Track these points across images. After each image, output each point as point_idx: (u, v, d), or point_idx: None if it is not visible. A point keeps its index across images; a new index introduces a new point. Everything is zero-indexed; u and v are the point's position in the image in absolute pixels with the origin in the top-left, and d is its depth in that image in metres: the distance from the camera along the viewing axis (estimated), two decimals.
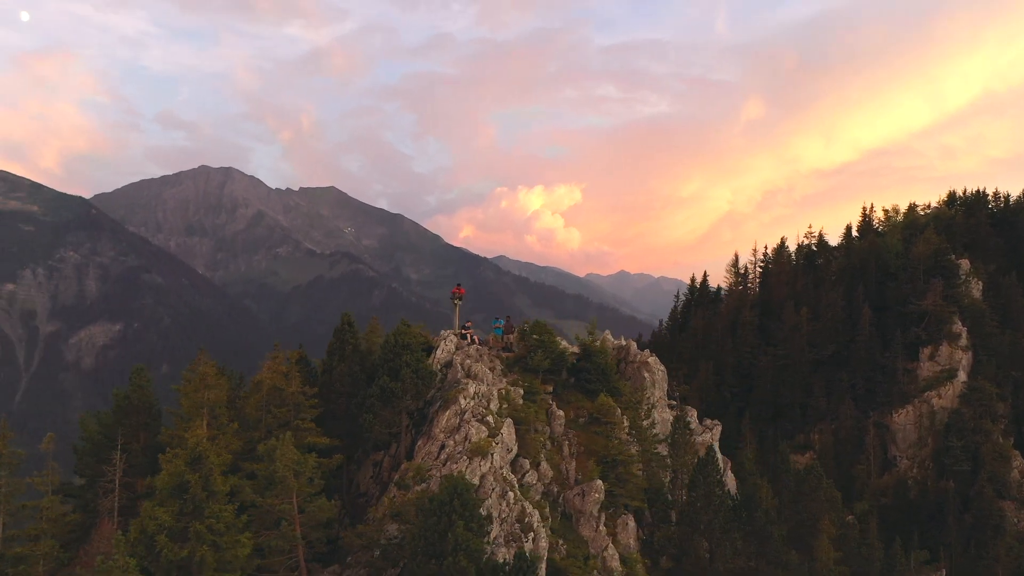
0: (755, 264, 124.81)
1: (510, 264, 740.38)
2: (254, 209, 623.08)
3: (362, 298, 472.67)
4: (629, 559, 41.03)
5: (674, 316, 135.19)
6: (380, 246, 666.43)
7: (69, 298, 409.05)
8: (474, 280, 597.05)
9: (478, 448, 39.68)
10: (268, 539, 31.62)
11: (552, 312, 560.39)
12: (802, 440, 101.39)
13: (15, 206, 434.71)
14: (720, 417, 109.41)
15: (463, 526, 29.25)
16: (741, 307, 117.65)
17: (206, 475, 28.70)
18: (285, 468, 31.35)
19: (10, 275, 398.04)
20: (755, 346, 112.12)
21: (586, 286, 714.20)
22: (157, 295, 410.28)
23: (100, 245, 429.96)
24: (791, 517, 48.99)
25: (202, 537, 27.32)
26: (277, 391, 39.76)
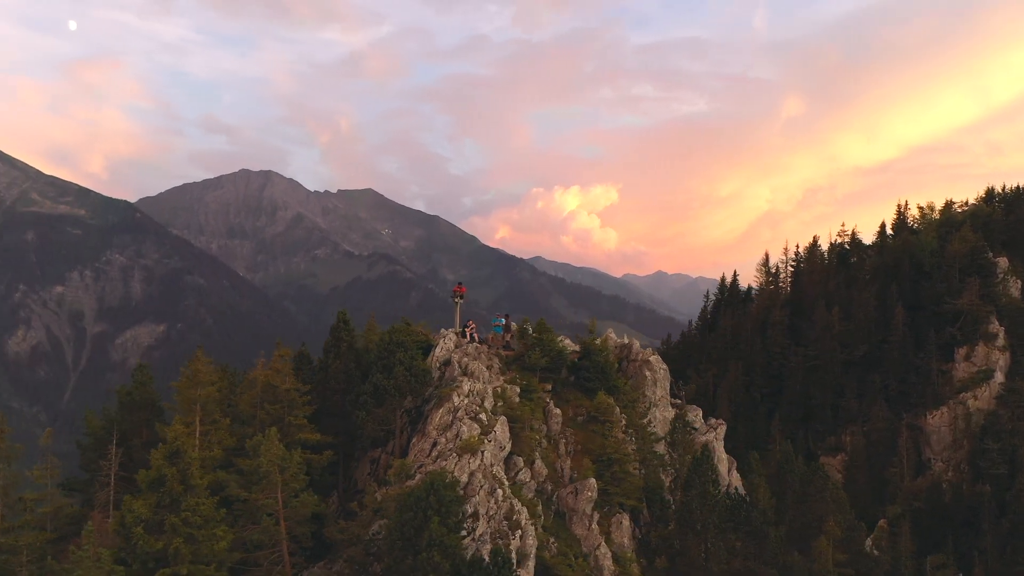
0: (786, 263, 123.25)
1: (546, 265, 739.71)
2: (293, 212, 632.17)
3: (399, 299, 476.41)
4: (622, 558, 40.70)
5: (704, 316, 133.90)
6: (417, 247, 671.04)
7: (115, 299, 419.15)
8: (510, 281, 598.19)
9: (468, 445, 39.82)
10: (250, 533, 32.04)
11: (588, 313, 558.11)
12: (833, 442, 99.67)
13: (64, 210, 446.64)
14: (750, 418, 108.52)
15: (438, 522, 29.35)
16: (771, 307, 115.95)
17: (183, 469, 29.24)
18: (270, 464, 31.80)
19: (59, 277, 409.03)
20: (785, 346, 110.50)
21: (623, 287, 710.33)
22: (199, 296, 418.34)
23: (145, 248, 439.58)
24: (797, 518, 48.21)
25: (177, 529, 27.86)
26: (271, 388, 40.32)
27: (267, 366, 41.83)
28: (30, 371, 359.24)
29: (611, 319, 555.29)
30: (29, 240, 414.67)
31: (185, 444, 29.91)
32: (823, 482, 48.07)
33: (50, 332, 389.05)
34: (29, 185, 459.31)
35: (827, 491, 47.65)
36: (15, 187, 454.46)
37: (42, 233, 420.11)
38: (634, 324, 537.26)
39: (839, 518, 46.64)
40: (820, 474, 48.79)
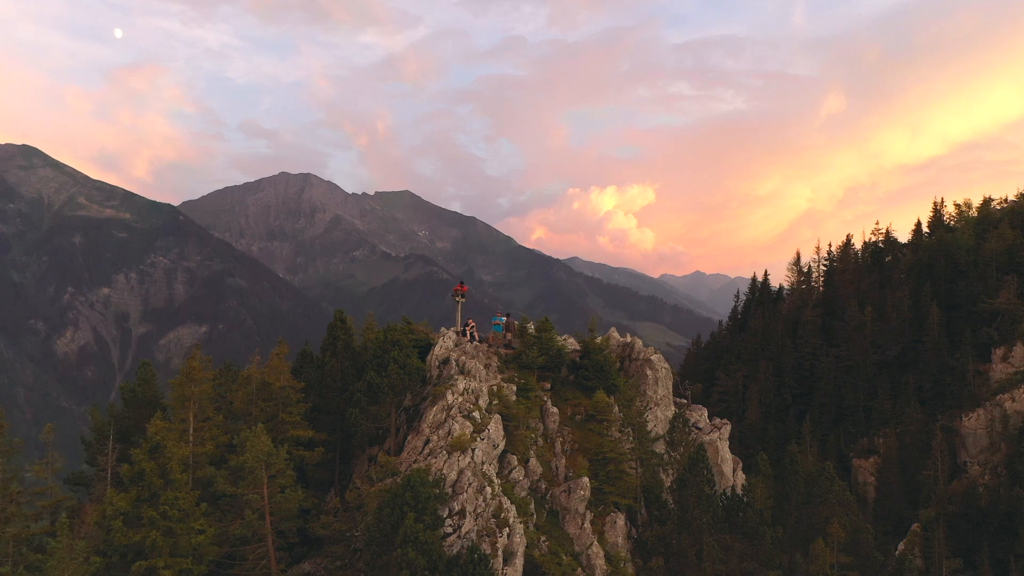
0: (818, 263, 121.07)
1: (583, 265, 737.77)
2: (332, 214, 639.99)
3: (436, 299, 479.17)
4: (615, 557, 40.35)
5: (735, 316, 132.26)
6: (453, 248, 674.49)
7: (159, 301, 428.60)
8: (546, 282, 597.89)
9: (458, 443, 39.88)
10: (234, 528, 32.53)
11: (625, 313, 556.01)
12: (866, 444, 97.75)
13: (110, 214, 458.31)
14: (780, 419, 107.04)
15: (414, 518, 29.49)
16: (803, 307, 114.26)
17: (163, 464, 29.80)
18: (255, 459, 32.28)
19: (106, 279, 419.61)
20: (817, 347, 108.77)
21: (660, 287, 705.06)
22: (240, 298, 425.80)
23: (187, 250, 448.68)
24: (802, 520, 47.37)
25: (155, 523, 28.41)
26: (266, 386, 40.89)
27: (262, 364, 42.44)
28: (78, 371, 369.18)
29: (648, 319, 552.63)
30: (77, 243, 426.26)
31: (166, 440, 30.52)
32: (829, 483, 47.19)
33: (97, 333, 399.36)
34: (77, 190, 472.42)
35: (832, 493, 46.77)
36: (64, 192, 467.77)
37: (89, 236, 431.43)
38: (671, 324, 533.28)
39: (844, 520, 45.72)
40: (826, 475, 47.91)
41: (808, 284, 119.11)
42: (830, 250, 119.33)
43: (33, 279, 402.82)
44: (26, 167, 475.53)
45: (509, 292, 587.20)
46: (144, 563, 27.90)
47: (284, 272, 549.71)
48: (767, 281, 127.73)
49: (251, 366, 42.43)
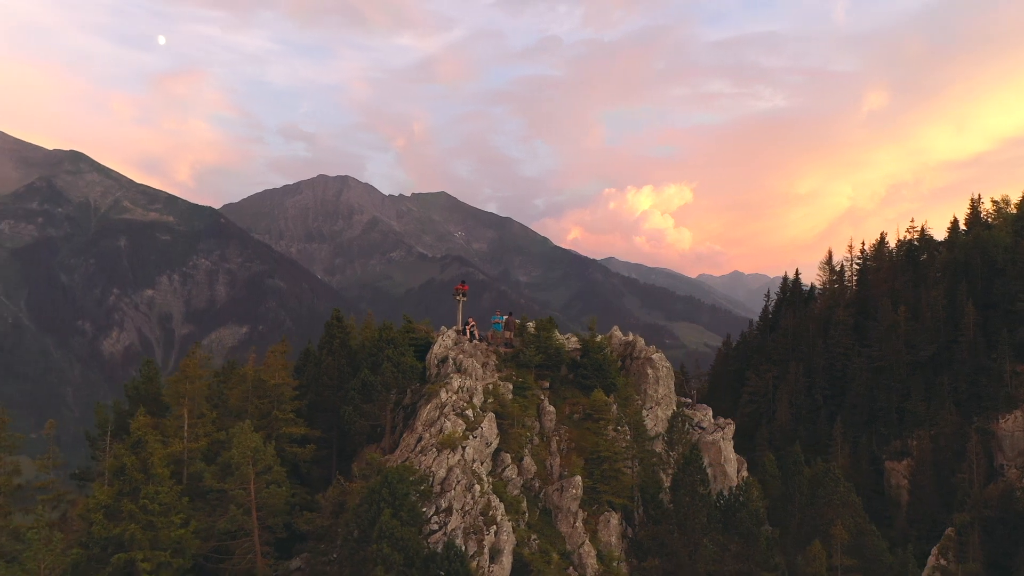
0: (851, 261, 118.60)
1: (619, 265, 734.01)
2: (369, 215, 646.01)
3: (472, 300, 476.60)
4: (607, 557, 40.10)
5: (765, 316, 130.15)
6: (490, 249, 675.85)
7: (201, 302, 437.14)
8: (583, 282, 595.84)
9: (447, 441, 40.12)
10: (219, 523, 33.11)
11: (662, 314, 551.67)
12: (899, 446, 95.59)
13: (154, 217, 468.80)
14: (811, 421, 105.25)
15: (390, 515, 29.66)
16: (835, 306, 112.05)
17: (144, 459, 30.44)
18: (241, 456, 32.79)
19: (149, 281, 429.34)
20: (849, 347, 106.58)
21: (698, 287, 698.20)
22: (280, 299, 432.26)
23: (228, 252, 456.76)
24: (806, 521, 46.58)
25: (135, 516, 29.04)
26: (261, 383, 41.49)
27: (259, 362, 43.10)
28: (123, 370, 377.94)
29: (685, 320, 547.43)
30: (122, 246, 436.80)
31: (148, 436, 31.21)
32: (834, 485, 46.30)
33: (141, 333, 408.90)
34: (122, 194, 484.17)
35: (837, 494, 45.88)
36: (109, 196, 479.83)
37: (134, 239, 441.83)
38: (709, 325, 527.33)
39: (848, 522, 44.80)
40: (831, 476, 47.02)
41: (841, 283, 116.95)
42: (863, 249, 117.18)
43: (80, 281, 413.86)
44: (73, 172, 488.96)
45: (545, 293, 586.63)
46: (123, 555, 28.66)
47: (322, 273, 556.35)
48: (798, 280, 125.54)
49: (247, 364, 43.15)
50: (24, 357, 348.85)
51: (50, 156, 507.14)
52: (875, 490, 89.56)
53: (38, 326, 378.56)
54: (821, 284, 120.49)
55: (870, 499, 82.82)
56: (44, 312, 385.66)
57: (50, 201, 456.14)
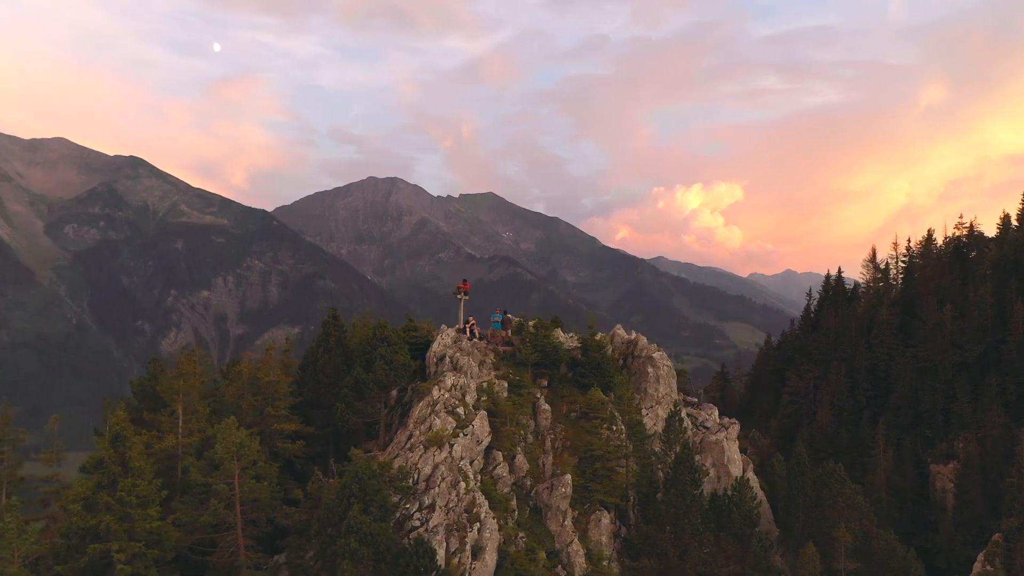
0: (896, 259, 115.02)
1: (668, 265, 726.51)
2: (418, 216, 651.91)
3: (520, 300, 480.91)
4: (597, 556, 39.78)
5: (807, 315, 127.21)
6: (537, 249, 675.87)
7: (255, 303, 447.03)
8: (631, 282, 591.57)
9: (435, 438, 40.37)
10: (196, 515, 34.01)
11: (713, 314, 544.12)
12: (945, 449, 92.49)
13: (210, 220, 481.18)
14: (853, 423, 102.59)
15: (359, 510, 29.89)
16: (878, 305, 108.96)
17: (123, 453, 31.31)
18: (225, 450, 33.51)
19: (205, 283, 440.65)
20: (893, 347, 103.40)
21: (749, 286, 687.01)
22: (330, 300, 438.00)
23: (281, 254, 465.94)
24: (810, 523, 45.38)
25: (111, 508, 29.92)
26: (256, 380, 42.28)
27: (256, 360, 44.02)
28: None
29: (736, 320, 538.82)
30: (179, 248, 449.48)
31: (126, 430, 32.14)
32: (839, 486, 45.08)
33: (198, 333, 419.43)
34: (179, 198, 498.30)
35: (842, 496, 44.65)
36: (167, 200, 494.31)
37: (191, 242, 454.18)
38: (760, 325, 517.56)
39: (854, 524, 43.55)
40: (836, 478, 45.80)
41: (886, 282, 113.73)
42: (908, 246, 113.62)
43: (140, 283, 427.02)
44: (133, 177, 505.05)
45: (593, 293, 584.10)
46: (98, 546, 29.67)
47: (372, 274, 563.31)
48: (841, 279, 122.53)
49: (244, 362, 44.12)
50: (87, 356, 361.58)
51: (111, 162, 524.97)
52: (920, 494, 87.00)
53: (100, 326, 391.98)
54: (865, 282, 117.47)
55: (915, 503, 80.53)
56: (106, 313, 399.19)
57: (111, 205, 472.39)
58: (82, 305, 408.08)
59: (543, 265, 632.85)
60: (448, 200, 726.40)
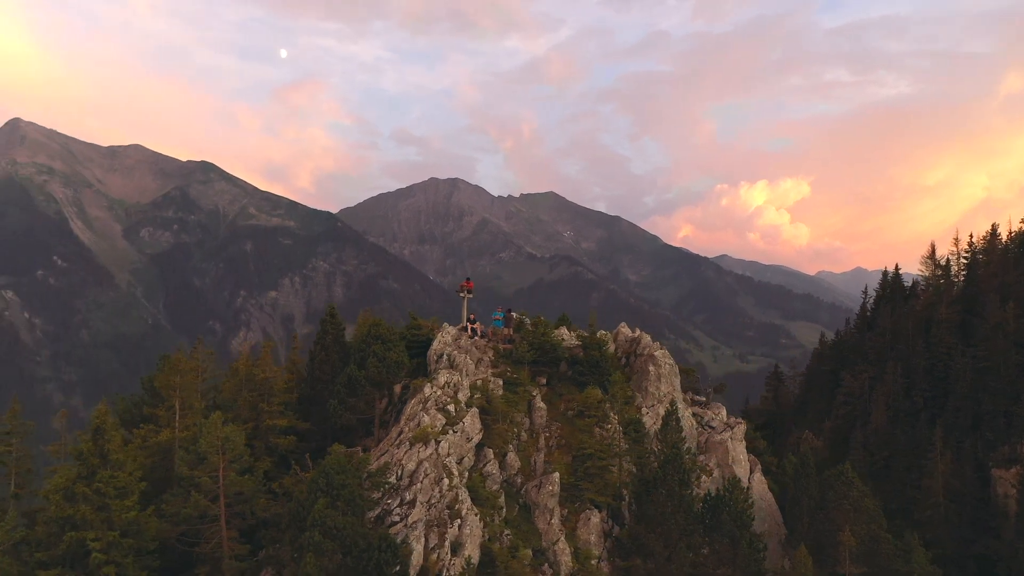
0: (958, 255, 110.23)
1: (732, 263, 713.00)
2: (479, 217, 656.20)
3: (581, 300, 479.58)
4: (584, 555, 39.36)
5: (863, 313, 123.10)
6: (598, 248, 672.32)
7: (320, 303, 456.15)
8: (694, 281, 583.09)
9: (420, 435, 40.66)
10: (177, 507, 35.17)
11: (779, 313, 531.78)
12: (1007, 452, 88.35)
13: (277, 222, 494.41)
14: (910, 425, 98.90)
15: (325, 503, 30.21)
16: (937, 303, 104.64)
17: (102, 445, 32.48)
18: (208, 444, 34.44)
19: (273, 283, 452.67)
20: (952, 346, 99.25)
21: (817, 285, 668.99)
22: (393, 300, 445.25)
23: (345, 255, 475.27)
24: (815, 525, 43.86)
25: (87, 498, 31.10)
26: (251, 377, 43.28)
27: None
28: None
29: (803, 319, 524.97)
30: (248, 250, 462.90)
31: (106, 423, 33.36)
32: (845, 488, 43.46)
33: (266, 333, 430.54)
34: (248, 201, 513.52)
35: (848, 498, 43.03)
36: (236, 203, 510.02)
37: (259, 244, 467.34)
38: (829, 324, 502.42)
39: (859, 528, 41.92)
40: (843, 479, 44.19)
41: (947, 278, 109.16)
42: (971, 241, 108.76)
43: (211, 284, 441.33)
44: (204, 181, 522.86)
45: (655, 292, 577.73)
46: (74, 534, 31.04)
47: (434, 274, 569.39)
48: (898, 275, 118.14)
49: (241, 359, 45.34)
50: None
51: (183, 167, 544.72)
52: (980, 499, 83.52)
53: (174, 327, 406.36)
54: (924, 279, 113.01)
55: (975, 509, 77.52)
56: (179, 313, 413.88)
57: (184, 209, 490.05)
58: (157, 306, 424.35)
59: (604, 264, 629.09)
60: (509, 200, 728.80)
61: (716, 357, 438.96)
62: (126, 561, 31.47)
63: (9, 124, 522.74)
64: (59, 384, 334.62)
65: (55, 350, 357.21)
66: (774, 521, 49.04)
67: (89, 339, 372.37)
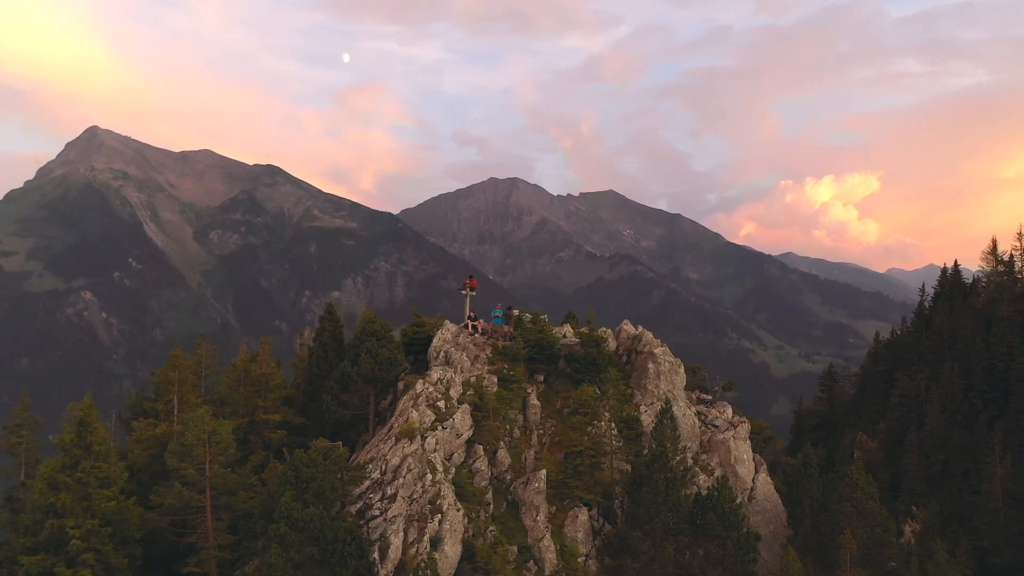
0: (1021, 251, 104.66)
1: (797, 261, 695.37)
2: (538, 216, 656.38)
3: (641, 299, 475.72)
4: (570, 553, 38.93)
5: (920, 312, 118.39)
6: (659, 247, 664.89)
7: (382, 303, 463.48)
8: (757, 279, 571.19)
9: (406, 431, 40.99)
10: (162, 498, 36.40)
11: (847, 311, 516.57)
12: None
13: (340, 224, 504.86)
14: (968, 427, 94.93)
15: (291, 496, 30.55)
16: (999, 300, 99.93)
17: (85, 437, 33.65)
18: (194, 437, 35.38)
19: (336, 284, 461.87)
20: (1014, 346, 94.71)
21: (887, 283, 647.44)
22: (453, 300, 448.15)
23: (406, 255, 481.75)
24: (816, 528, 42.20)
25: (68, 487, 32.27)
26: (248, 373, 44.22)
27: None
28: None
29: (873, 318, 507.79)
30: (312, 251, 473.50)
31: (90, 416, 34.61)
32: (848, 490, 41.76)
33: None
34: (312, 203, 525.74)
35: (852, 501, 41.34)
36: (301, 205, 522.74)
37: (322, 245, 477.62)
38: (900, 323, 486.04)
39: (861, 531, 40.21)
40: (847, 481, 42.48)
41: (1009, 275, 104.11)
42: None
43: (277, 284, 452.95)
44: (270, 184, 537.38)
45: (717, 290, 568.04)
46: (55, 521, 32.43)
47: (494, 274, 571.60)
48: (958, 271, 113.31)
49: (240, 355, 46.53)
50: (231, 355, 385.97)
51: (250, 171, 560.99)
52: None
53: (242, 326, 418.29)
54: (985, 275, 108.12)
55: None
56: (247, 313, 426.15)
57: (251, 212, 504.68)
58: (226, 306, 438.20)
59: (665, 263, 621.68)
60: (568, 199, 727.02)
61: (781, 357, 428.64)
62: (106, 548, 32.82)
63: (88, 132, 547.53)
64: (134, 381, 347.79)
65: (130, 348, 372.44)
66: (780, 523, 48.05)
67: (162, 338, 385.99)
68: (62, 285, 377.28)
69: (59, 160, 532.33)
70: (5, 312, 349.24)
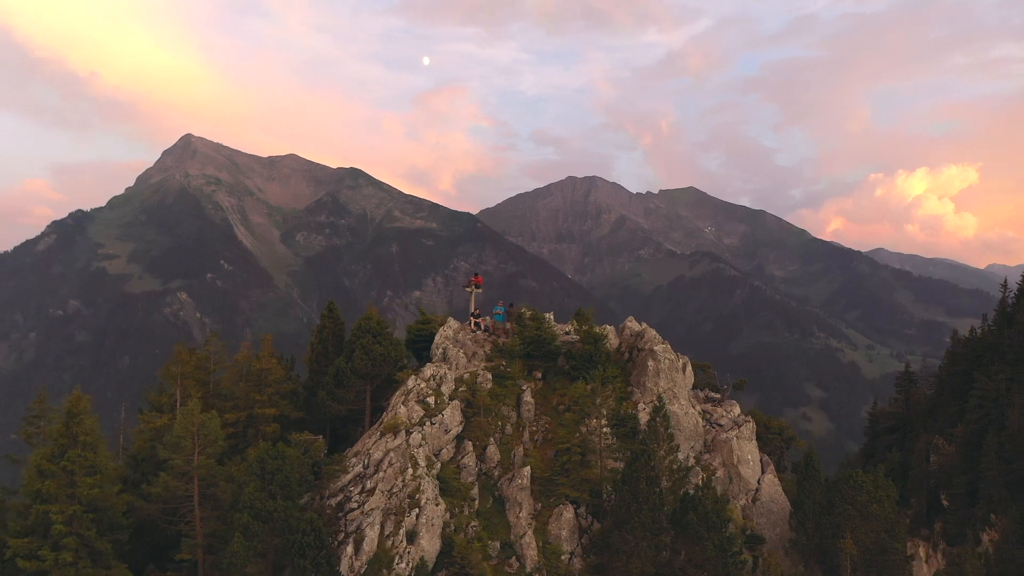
0: None
1: (889, 257, 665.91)
2: (617, 214, 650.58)
3: (723, 297, 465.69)
4: (552, 550, 38.50)
5: (1002, 309, 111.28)
6: (741, 244, 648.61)
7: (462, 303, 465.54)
8: (846, 276, 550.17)
9: (390, 426, 41.56)
10: (150, 489, 38.07)
11: (943, 309, 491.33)
12: None
13: (420, 224, 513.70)
14: None
15: (255, 487, 31.11)
16: None
17: (72, 427, 35.22)
18: (183, 430, 36.69)
19: (417, 283, 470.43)
20: None
21: (987, 279, 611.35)
22: (532, 299, 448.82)
23: (485, 255, 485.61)
24: (819, 530, 40.05)
25: (53, 474, 33.91)
26: (248, 367, 45.53)
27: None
28: None
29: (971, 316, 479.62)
30: (394, 252, 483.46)
31: (78, 408, 36.24)
32: (852, 494, 39.52)
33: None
34: (393, 204, 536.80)
35: (856, 504, 39.11)
36: (383, 207, 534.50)
37: (403, 245, 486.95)
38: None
39: (865, 536, 37.95)
40: (851, 483, 40.20)
41: None
42: None
43: (360, 284, 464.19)
44: (353, 187, 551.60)
45: (803, 288, 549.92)
46: (41, 507, 34.42)
47: (572, 273, 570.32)
48: None
49: (241, 351, 48.14)
50: None
51: (334, 174, 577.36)
52: None
53: None
54: None
55: None
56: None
57: (335, 214, 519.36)
58: (312, 306, 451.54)
59: (748, 260, 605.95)
60: (647, 196, 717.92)
61: (871, 357, 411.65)
62: (89, 533, 34.72)
63: (183, 140, 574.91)
64: None
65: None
66: (785, 525, 46.55)
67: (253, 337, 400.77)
68: (160, 286, 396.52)
69: (156, 167, 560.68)
70: (109, 312, 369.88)
